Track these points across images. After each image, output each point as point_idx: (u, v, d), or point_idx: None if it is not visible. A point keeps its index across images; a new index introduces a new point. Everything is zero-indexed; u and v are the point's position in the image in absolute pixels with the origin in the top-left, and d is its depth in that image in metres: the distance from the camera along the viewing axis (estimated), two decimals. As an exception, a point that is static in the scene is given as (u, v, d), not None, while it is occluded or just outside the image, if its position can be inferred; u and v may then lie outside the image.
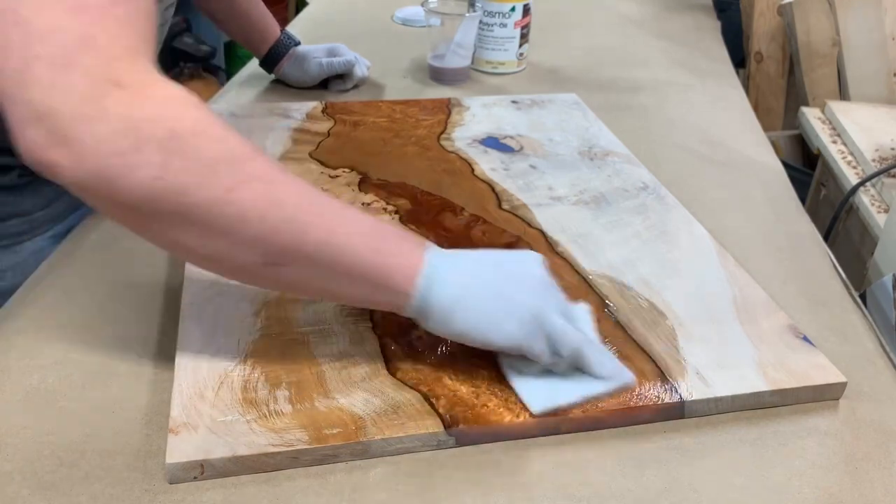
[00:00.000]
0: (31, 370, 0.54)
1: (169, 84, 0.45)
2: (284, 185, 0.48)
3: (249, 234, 0.46)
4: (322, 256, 0.47)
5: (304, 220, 0.47)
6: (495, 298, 0.51)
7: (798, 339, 0.58)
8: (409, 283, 0.49)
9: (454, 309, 0.50)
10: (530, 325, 0.50)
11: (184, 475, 0.46)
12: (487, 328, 0.50)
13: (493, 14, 1.12)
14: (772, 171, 0.90)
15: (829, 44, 1.36)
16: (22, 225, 0.70)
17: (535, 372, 0.52)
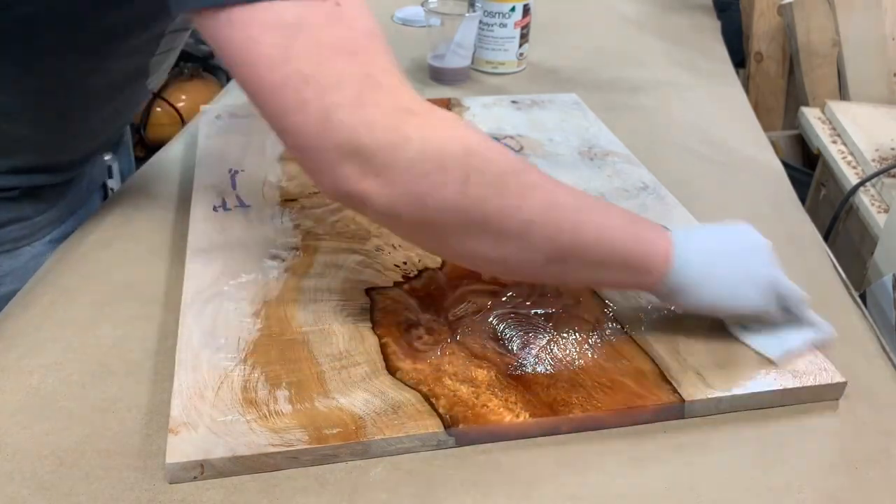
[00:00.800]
0: (31, 370, 0.54)
1: (441, 108, 0.49)
2: (559, 190, 0.52)
3: (536, 237, 0.50)
4: (596, 250, 0.52)
5: (579, 219, 0.51)
6: (736, 271, 0.56)
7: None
8: (664, 265, 0.54)
9: (702, 284, 0.55)
10: (767, 290, 0.56)
11: (184, 475, 0.46)
12: (733, 297, 0.56)
13: (493, 14, 1.12)
14: (772, 171, 0.90)
15: (829, 44, 1.36)
16: (21, 230, 0.70)
17: (759, 328, 0.58)
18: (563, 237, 0.51)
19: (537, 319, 0.59)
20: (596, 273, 0.54)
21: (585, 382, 0.53)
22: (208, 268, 0.62)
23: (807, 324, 0.58)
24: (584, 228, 0.52)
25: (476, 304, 0.60)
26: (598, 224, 0.52)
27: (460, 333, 0.57)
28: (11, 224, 0.70)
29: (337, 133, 0.45)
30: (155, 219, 0.72)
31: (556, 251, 0.51)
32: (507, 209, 0.49)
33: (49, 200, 0.73)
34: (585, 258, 0.52)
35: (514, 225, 0.49)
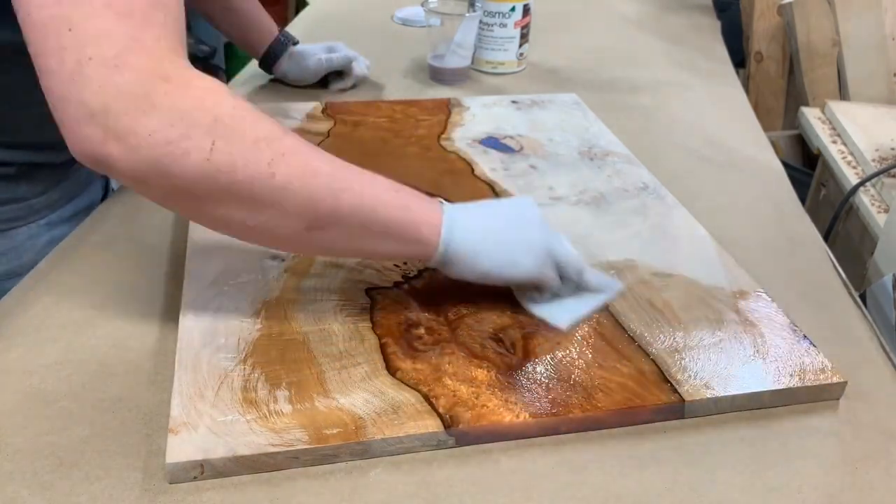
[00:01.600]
0: (31, 370, 0.54)
1: (206, 77, 0.49)
2: (316, 157, 0.52)
3: (291, 204, 0.50)
4: (357, 217, 0.52)
5: (338, 186, 0.52)
6: (510, 240, 0.57)
7: (798, 338, 0.58)
8: (434, 235, 0.55)
9: (476, 252, 0.56)
10: (543, 258, 0.58)
11: (184, 475, 0.46)
12: (507, 266, 0.57)
13: (493, 14, 1.12)
14: (772, 171, 0.90)
15: (829, 44, 1.36)
16: (18, 210, 0.71)
17: (548, 298, 0.60)
18: (321, 205, 0.51)
19: (537, 319, 0.59)
20: (363, 242, 0.54)
21: (585, 382, 0.53)
22: (208, 268, 0.62)
23: (592, 289, 0.60)
24: (345, 196, 0.52)
25: (476, 304, 0.60)
26: (359, 192, 0.52)
27: (460, 333, 0.57)
28: (7, 204, 0.70)
29: (85, 89, 0.45)
30: (155, 219, 0.72)
31: (315, 219, 0.51)
32: (258, 176, 0.49)
33: (46, 182, 0.73)
34: (348, 226, 0.53)
35: (267, 192, 0.49)
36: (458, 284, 0.62)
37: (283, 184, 0.49)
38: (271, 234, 0.52)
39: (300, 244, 0.55)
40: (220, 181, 0.48)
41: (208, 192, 0.48)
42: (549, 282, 0.59)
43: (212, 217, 0.51)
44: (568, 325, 0.58)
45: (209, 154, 0.47)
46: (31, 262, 0.68)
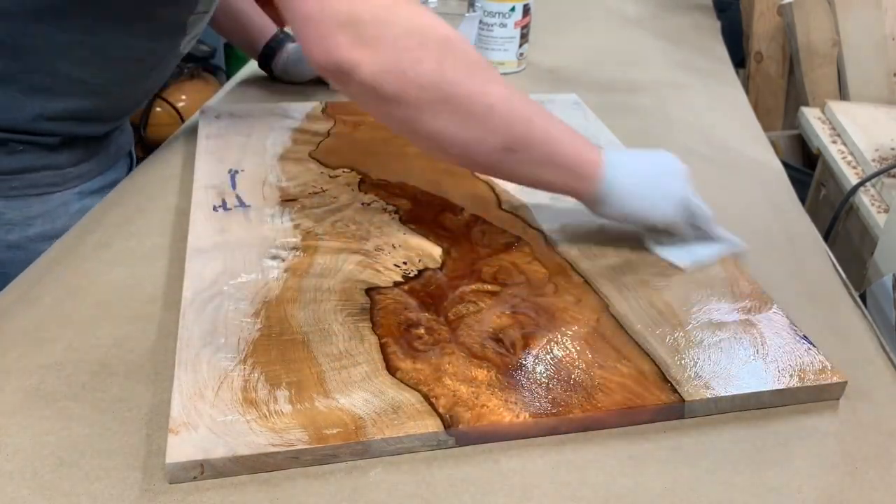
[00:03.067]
0: (31, 370, 0.54)
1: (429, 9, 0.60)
2: (514, 90, 0.61)
3: (496, 122, 0.59)
4: (544, 145, 0.62)
5: (531, 113, 0.61)
6: (654, 187, 0.65)
7: (798, 339, 0.58)
8: (596, 172, 0.63)
9: (624, 194, 0.64)
10: (680, 207, 0.65)
11: (184, 475, 0.46)
12: (650, 209, 0.65)
13: (493, 14, 1.12)
14: (772, 171, 0.90)
15: (829, 44, 1.36)
16: (54, 177, 0.77)
17: (673, 242, 0.68)
18: (517, 127, 0.60)
19: (537, 319, 0.59)
20: (541, 169, 0.63)
21: (585, 382, 0.53)
22: (208, 268, 0.62)
23: (716, 239, 0.68)
24: (535, 123, 0.61)
25: (476, 303, 0.60)
26: (547, 123, 0.62)
27: (460, 333, 0.57)
28: (46, 170, 0.76)
29: (337, 4, 0.54)
30: (155, 219, 0.72)
31: (511, 139, 0.60)
32: (475, 93, 0.58)
33: (82, 154, 0.79)
34: (534, 151, 0.61)
35: (479, 108, 0.58)
36: (457, 284, 0.62)
37: (492, 103, 0.58)
38: (475, 150, 0.60)
39: (492, 164, 0.63)
40: (445, 90, 0.57)
41: (432, 100, 0.57)
42: (681, 228, 0.66)
43: (427, 128, 0.59)
44: (690, 264, 0.66)
45: (440, 65, 0.57)
46: (62, 228, 0.74)
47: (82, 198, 0.80)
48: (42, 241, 0.74)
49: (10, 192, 0.75)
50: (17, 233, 0.76)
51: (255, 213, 0.71)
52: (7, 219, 0.75)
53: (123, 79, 0.78)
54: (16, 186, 0.75)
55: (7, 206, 0.75)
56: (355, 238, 0.68)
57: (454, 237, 0.69)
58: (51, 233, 0.76)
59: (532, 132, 0.60)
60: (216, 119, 0.91)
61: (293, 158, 0.82)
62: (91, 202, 0.80)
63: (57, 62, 0.71)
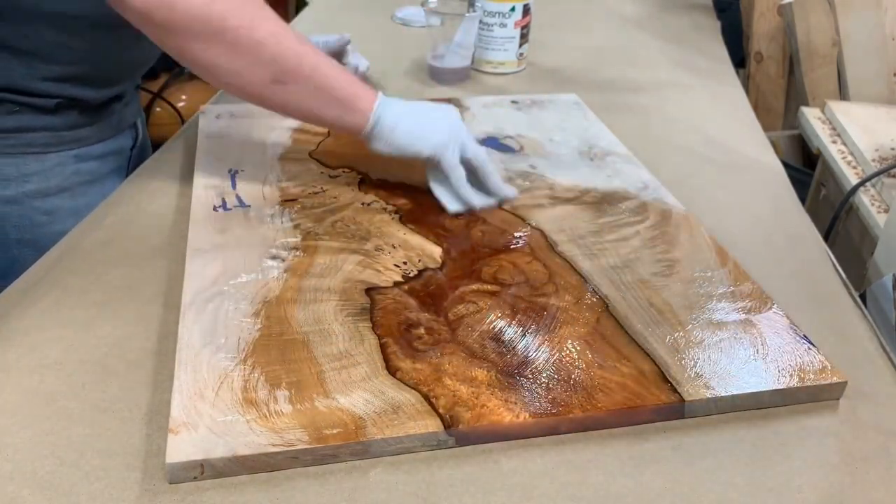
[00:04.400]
0: (31, 370, 0.54)
1: None
2: (286, 27, 0.66)
3: (265, 55, 0.65)
4: (313, 79, 0.67)
5: (301, 50, 0.66)
6: (425, 121, 0.72)
7: (798, 338, 0.58)
8: (369, 108, 0.69)
9: (395, 127, 0.70)
10: (448, 139, 0.71)
11: (184, 475, 0.46)
12: (418, 140, 0.71)
13: (493, 14, 1.12)
14: (772, 171, 0.90)
15: (829, 44, 1.36)
16: (50, 138, 0.80)
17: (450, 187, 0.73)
18: (286, 62, 0.65)
19: (537, 319, 0.59)
20: (312, 102, 0.68)
21: (585, 382, 0.53)
22: (208, 268, 0.62)
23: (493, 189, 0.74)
24: (306, 60, 0.66)
25: (476, 303, 0.60)
26: (318, 61, 0.67)
27: (460, 333, 0.57)
28: (43, 131, 0.79)
29: None
30: (155, 219, 0.72)
31: (280, 73, 0.65)
32: (243, 27, 0.63)
33: (79, 119, 0.82)
34: (305, 86, 0.67)
35: (245, 42, 0.64)
36: (457, 284, 0.62)
37: (260, 38, 0.64)
38: (243, 81, 0.66)
39: (263, 96, 0.68)
40: (213, 24, 0.62)
41: (200, 32, 0.62)
42: (449, 161, 0.71)
43: (197, 57, 0.64)
44: (458, 209, 0.72)
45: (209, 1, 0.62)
46: (57, 186, 0.80)
47: (79, 161, 0.83)
48: (37, 197, 0.79)
49: (6, 150, 0.78)
50: (13, 188, 0.79)
51: (255, 213, 0.71)
52: (4, 174, 0.78)
53: (108, 45, 0.80)
54: (12, 144, 0.78)
55: (3, 163, 0.78)
56: (355, 238, 0.68)
57: (454, 237, 0.69)
58: (45, 191, 0.80)
59: (301, 66, 0.66)
60: (216, 119, 0.91)
61: (293, 158, 0.83)
62: (88, 166, 0.83)
63: (42, 28, 0.74)
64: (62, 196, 0.81)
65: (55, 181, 0.81)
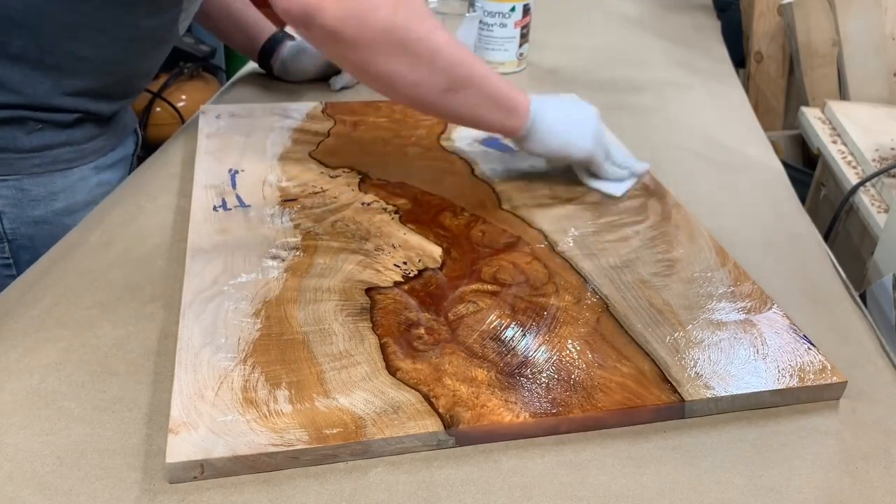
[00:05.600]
0: (31, 370, 0.54)
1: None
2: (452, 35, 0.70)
3: (441, 65, 0.68)
4: (482, 87, 0.71)
5: (471, 60, 0.70)
6: (573, 125, 0.77)
7: (798, 338, 0.58)
8: (525, 112, 0.74)
9: (548, 131, 0.75)
10: (595, 140, 0.77)
11: (184, 475, 0.46)
12: (570, 144, 0.76)
13: (493, 14, 1.13)
14: (772, 171, 0.90)
15: (829, 44, 1.36)
16: (72, 153, 0.81)
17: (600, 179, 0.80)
18: (460, 69, 0.69)
19: (537, 319, 0.59)
20: (480, 109, 0.72)
21: (585, 382, 0.53)
22: (208, 268, 0.62)
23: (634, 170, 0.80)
24: (475, 67, 0.70)
25: (476, 303, 0.60)
26: (483, 69, 0.71)
27: (460, 333, 0.57)
28: (65, 146, 0.80)
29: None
30: (155, 219, 0.72)
31: (454, 80, 0.69)
32: (423, 38, 0.66)
33: (95, 130, 0.83)
34: (474, 92, 0.70)
35: (426, 51, 0.66)
36: (457, 284, 0.62)
37: (437, 46, 0.67)
38: (422, 90, 0.69)
39: (437, 104, 0.71)
40: (398, 34, 0.65)
41: (386, 43, 0.65)
42: (598, 162, 0.77)
43: (381, 70, 0.67)
44: (621, 193, 0.78)
45: (394, 11, 0.64)
46: (83, 201, 0.82)
47: (98, 172, 0.85)
48: (66, 214, 0.81)
49: (33, 170, 0.79)
50: (43, 208, 0.80)
51: (255, 213, 0.71)
52: (33, 195, 0.79)
53: (126, 57, 0.81)
54: (38, 164, 0.79)
55: (32, 184, 0.79)
56: (355, 238, 0.68)
57: (454, 237, 0.69)
58: (73, 207, 0.82)
59: (472, 73, 0.69)
60: (216, 119, 0.91)
61: (293, 158, 0.83)
62: (106, 176, 0.85)
63: (65, 42, 0.75)
64: (88, 210, 0.80)
65: (81, 196, 0.82)
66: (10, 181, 0.78)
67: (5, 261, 0.82)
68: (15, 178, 0.78)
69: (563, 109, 0.77)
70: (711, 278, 0.65)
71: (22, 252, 0.81)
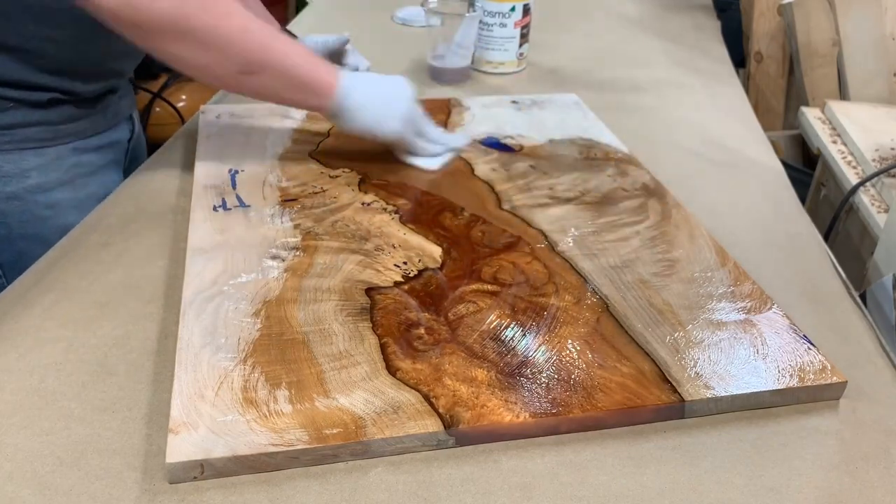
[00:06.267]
0: (31, 370, 0.54)
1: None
2: (253, 20, 0.71)
3: (231, 53, 0.70)
4: (279, 68, 0.72)
5: (266, 42, 0.71)
6: (384, 106, 0.79)
7: (798, 338, 0.58)
8: (331, 91, 0.75)
9: (357, 111, 0.77)
10: (405, 122, 0.79)
11: (184, 475, 0.46)
12: (380, 124, 0.78)
13: (493, 14, 1.12)
14: (772, 171, 0.90)
15: (829, 44, 1.36)
16: (46, 132, 0.81)
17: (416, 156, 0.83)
18: (253, 56, 0.71)
19: (537, 319, 0.59)
20: (282, 89, 0.74)
21: (585, 382, 0.53)
22: (208, 268, 0.62)
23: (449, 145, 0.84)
24: (273, 51, 0.72)
25: (476, 303, 0.60)
26: (283, 50, 0.72)
27: (460, 333, 0.57)
28: (38, 126, 0.81)
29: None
30: (155, 219, 0.72)
31: (247, 65, 0.71)
32: (209, 27, 0.68)
33: (74, 112, 0.83)
34: (271, 74, 0.72)
35: (213, 39, 0.68)
36: (457, 284, 0.62)
37: (227, 34, 0.69)
38: (212, 74, 0.71)
39: (232, 83, 0.74)
40: (179, 25, 0.67)
41: (169, 31, 0.67)
42: (409, 140, 0.81)
43: (167, 52, 0.69)
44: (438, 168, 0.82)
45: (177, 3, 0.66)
46: (56, 180, 0.82)
47: (78, 153, 0.84)
48: (38, 192, 0.81)
49: (4, 146, 0.79)
50: (15, 184, 0.80)
51: (255, 213, 0.71)
52: (4, 171, 0.79)
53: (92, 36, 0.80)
54: (8, 140, 0.79)
55: (3, 160, 0.79)
56: (355, 238, 0.68)
57: (454, 237, 0.69)
58: (46, 185, 0.81)
59: (268, 58, 0.71)
60: (216, 119, 0.91)
61: (293, 158, 0.82)
62: (88, 158, 0.85)
63: (27, 22, 0.75)
64: (63, 189, 0.82)
65: (55, 175, 0.82)
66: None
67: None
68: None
69: (376, 88, 0.79)
70: (711, 278, 0.65)
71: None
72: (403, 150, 0.82)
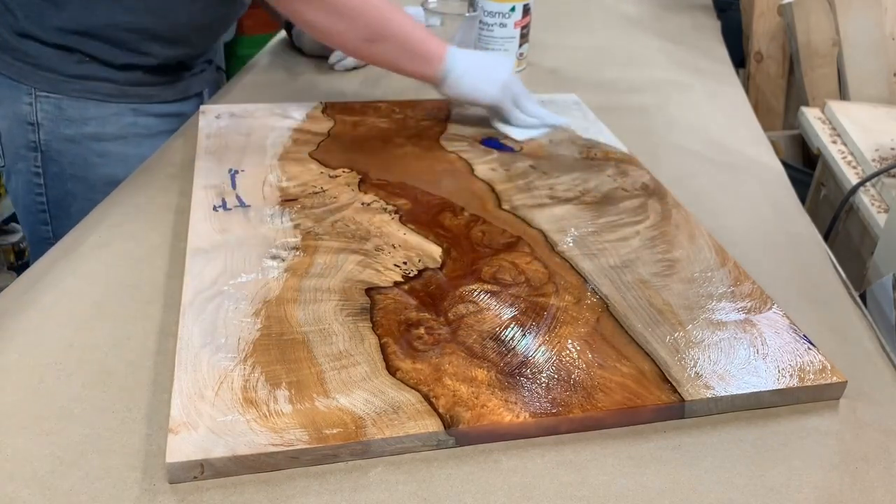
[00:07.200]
0: (31, 370, 0.54)
1: None
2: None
3: (361, 20, 0.82)
4: (399, 37, 0.84)
5: (387, 14, 0.83)
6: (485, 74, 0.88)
7: (798, 338, 0.58)
8: (440, 60, 0.85)
9: (461, 77, 0.86)
10: (503, 90, 0.89)
11: (184, 475, 0.46)
12: (479, 90, 0.88)
13: (493, 14, 1.12)
14: (772, 171, 0.90)
15: (829, 44, 1.36)
16: (112, 90, 0.91)
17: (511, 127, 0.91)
18: (377, 25, 0.82)
19: (537, 319, 0.59)
20: (398, 58, 0.85)
21: (585, 382, 0.53)
22: (208, 268, 0.62)
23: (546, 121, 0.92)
24: (393, 21, 0.83)
25: (476, 303, 0.60)
26: (401, 21, 0.83)
27: (460, 333, 0.57)
28: (106, 82, 0.90)
29: None
30: (155, 219, 0.72)
31: (372, 34, 0.82)
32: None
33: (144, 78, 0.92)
34: (391, 43, 0.83)
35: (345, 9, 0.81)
36: (457, 284, 0.62)
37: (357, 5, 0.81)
38: (343, 39, 0.84)
39: (358, 51, 0.88)
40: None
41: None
42: (506, 108, 0.89)
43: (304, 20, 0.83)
44: (523, 139, 0.89)
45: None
46: (111, 134, 0.91)
47: (137, 114, 0.93)
48: (93, 140, 0.91)
49: (71, 93, 0.89)
50: (74, 128, 0.90)
51: (255, 213, 0.71)
52: (67, 115, 0.89)
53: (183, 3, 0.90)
54: (77, 89, 0.89)
55: (68, 105, 0.89)
56: (355, 238, 0.68)
57: (454, 237, 0.69)
58: (101, 136, 0.91)
59: (390, 28, 0.82)
60: (216, 119, 0.91)
61: (293, 158, 0.82)
62: (146, 121, 0.94)
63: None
64: (116, 143, 0.91)
65: (111, 129, 0.91)
66: (51, 98, 0.89)
67: (36, 169, 0.91)
68: (56, 97, 0.89)
69: (478, 60, 0.89)
70: (711, 278, 0.65)
71: (51, 164, 0.90)
72: (500, 117, 0.90)
